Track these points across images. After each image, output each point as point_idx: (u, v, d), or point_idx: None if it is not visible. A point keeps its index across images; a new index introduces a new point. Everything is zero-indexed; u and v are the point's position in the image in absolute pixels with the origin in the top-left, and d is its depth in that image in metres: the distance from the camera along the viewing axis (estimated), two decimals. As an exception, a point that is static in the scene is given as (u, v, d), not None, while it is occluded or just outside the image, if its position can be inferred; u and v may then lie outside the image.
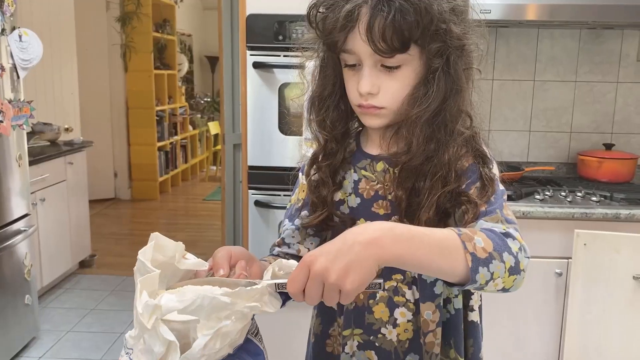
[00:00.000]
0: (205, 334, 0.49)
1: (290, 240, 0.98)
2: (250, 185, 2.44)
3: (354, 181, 0.94)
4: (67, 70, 4.30)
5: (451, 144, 0.86)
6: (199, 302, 0.49)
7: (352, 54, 0.84)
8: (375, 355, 0.93)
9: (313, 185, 0.95)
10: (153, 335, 0.50)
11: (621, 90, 2.65)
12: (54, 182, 3.44)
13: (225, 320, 0.50)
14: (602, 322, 2.10)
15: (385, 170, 0.91)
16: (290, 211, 1.01)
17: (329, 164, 0.94)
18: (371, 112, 0.87)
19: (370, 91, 0.84)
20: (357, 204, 0.93)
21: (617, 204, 2.23)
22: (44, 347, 2.84)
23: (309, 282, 0.64)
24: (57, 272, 3.57)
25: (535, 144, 2.72)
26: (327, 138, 0.93)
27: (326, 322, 0.98)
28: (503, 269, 0.74)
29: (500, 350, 2.22)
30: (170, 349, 0.49)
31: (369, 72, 0.84)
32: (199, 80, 8.59)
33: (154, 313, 0.49)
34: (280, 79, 2.33)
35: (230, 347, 0.54)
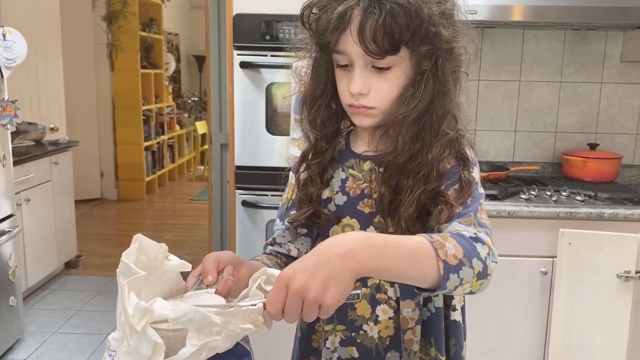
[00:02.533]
0: (194, 344, 0.49)
1: (281, 240, 1.00)
2: (238, 185, 2.44)
3: (341, 180, 0.96)
4: (53, 70, 4.26)
5: (435, 144, 0.87)
6: (191, 315, 0.49)
7: (344, 54, 0.86)
8: (356, 351, 0.95)
9: (301, 183, 0.97)
10: (141, 338, 0.49)
11: (605, 91, 2.68)
12: (39, 182, 3.41)
13: (216, 335, 0.50)
14: (587, 320, 2.12)
15: (372, 169, 0.93)
16: (281, 210, 1.02)
17: (318, 162, 0.95)
18: (362, 112, 0.89)
19: (361, 91, 0.86)
20: (344, 202, 0.95)
21: (601, 203, 2.26)
22: (28, 349, 2.81)
23: (288, 301, 0.63)
24: (43, 273, 3.53)
25: (521, 143, 2.74)
26: (317, 137, 0.95)
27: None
28: (472, 275, 0.76)
29: (485, 348, 2.24)
30: (155, 350, 0.49)
31: (360, 73, 0.85)
32: (186, 80, 8.55)
33: (144, 316, 0.49)
34: (268, 79, 2.32)
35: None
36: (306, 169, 0.97)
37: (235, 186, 2.45)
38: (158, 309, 0.48)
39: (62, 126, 4.31)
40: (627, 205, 2.23)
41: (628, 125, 2.70)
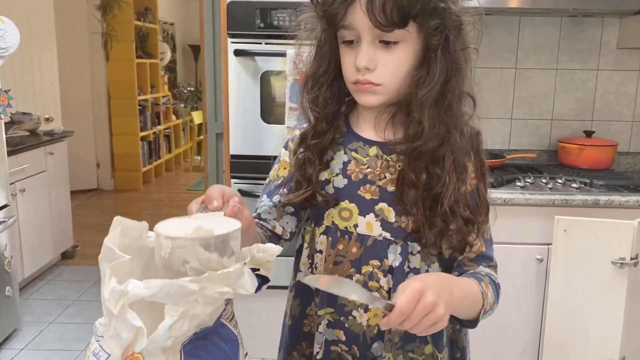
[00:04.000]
0: (172, 315, 0.49)
1: (266, 216, 0.97)
2: (233, 174, 2.43)
3: (343, 162, 0.94)
4: (47, 60, 4.23)
5: (458, 126, 0.88)
6: (167, 289, 0.49)
7: (351, 29, 0.84)
8: (343, 334, 0.95)
9: (299, 164, 0.94)
10: (120, 321, 0.49)
11: (601, 78, 2.67)
12: (34, 172, 3.39)
13: (194, 303, 0.50)
14: (582, 306, 2.13)
15: (379, 156, 0.92)
16: (269, 187, 1.00)
17: (317, 143, 0.93)
18: (367, 89, 0.87)
19: (368, 66, 0.84)
20: (344, 185, 0.93)
21: (597, 190, 2.26)
22: (25, 339, 2.81)
23: (418, 310, 0.71)
24: (39, 264, 3.53)
25: (517, 131, 2.74)
26: (318, 116, 0.93)
27: (304, 302, 0.99)
28: (492, 313, 0.92)
29: (481, 335, 2.24)
30: (138, 335, 0.49)
31: (367, 47, 0.84)
32: (182, 70, 8.51)
33: (120, 299, 0.48)
34: (262, 67, 2.31)
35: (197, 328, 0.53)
36: (305, 149, 0.94)
37: (230, 175, 2.45)
38: (133, 290, 0.48)
39: (57, 116, 4.29)
40: (622, 193, 2.24)
41: (624, 113, 2.70)
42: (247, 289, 0.53)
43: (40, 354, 2.69)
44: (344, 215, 0.93)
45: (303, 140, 0.95)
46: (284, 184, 0.98)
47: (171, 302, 0.50)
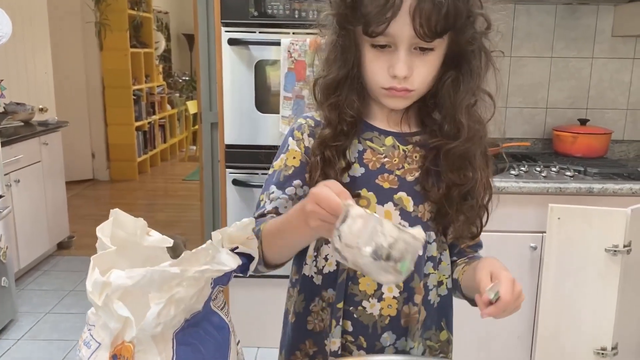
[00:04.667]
0: (158, 303, 0.49)
1: (283, 210, 0.93)
2: (228, 164, 2.43)
3: (358, 151, 0.94)
4: (40, 49, 4.21)
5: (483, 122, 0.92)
6: (148, 277, 0.49)
7: (387, 36, 0.83)
8: (350, 325, 0.94)
9: (319, 166, 0.92)
10: (107, 312, 0.49)
11: (596, 66, 2.67)
12: (28, 163, 3.38)
13: (176, 287, 0.50)
14: (575, 294, 2.14)
15: (395, 146, 0.94)
16: (277, 178, 0.95)
17: (340, 145, 0.92)
18: (402, 95, 0.87)
19: (407, 75, 0.84)
20: (361, 174, 0.93)
21: (591, 178, 2.27)
22: (22, 329, 2.82)
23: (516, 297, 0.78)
24: (35, 254, 3.53)
25: (512, 120, 2.74)
26: (339, 120, 0.91)
27: (308, 298, 0.97)
28: None
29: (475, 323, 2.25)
30: (127, 324, 0.49)
31: (406, 56, 0.84)
32: (177, 59, 8.46)
33: (103, 290, 0.48)
34: (257, 56, 2.30)
35: (187, 313, 0.53)
36: (324, 151, 0.92)
37: (225, 165, 2.45)
38: (115, 280, 0.48)
39: (52, 107, 4.27)
40: (616, 180, 2.24)
41: (619, 101, 2.70)
42: (227, 264, 0.53)
43: (37, 344, 2.69)
44: (362, 204, 0.92)
45: (322, 143, 0.92)
46: (296, 175, 0.94)
47: (155, 288, 0.50)
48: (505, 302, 0.77)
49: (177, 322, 0.52)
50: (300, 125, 0.97)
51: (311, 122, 0.97)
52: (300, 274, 0.98)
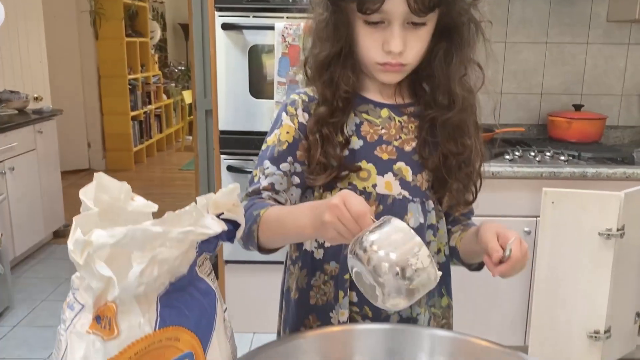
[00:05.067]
0: (140, 262, 0.49)
1: (279, 187, 0.93)
2: (222, 150, 2.42)
3: (355, 124, 0.95)
4: (34, 38, 4.18)
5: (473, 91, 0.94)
6: (130, 235, 0.48)
7: (382, 12, 0.84)
8: (355, 296, 0.94)
9: (319, 144, 0.92)
10: (89, 271, 0.49)
11: (591, 52, 2.67)
12: (23, 150, 3.37)
13: (159, 247, 0.50)
14: (569, 277, 2.15)
15: (391, 117, 0.96)
16: (271, 153, 0.94)
17: (337, 122, 0.93)
18: (396, 70, 0.89)
19: (402, 50, 0.86)
20: (360, 147, 0.94)
21: (585, 163, 2.27)
22: (18, 316, 2.82)
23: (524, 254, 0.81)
24: (30, 242, 3.52)
25: (507, 105, 2.74)
26: (334, 97, 0.92)
27: (310, 273, 0.98)
28: None
29: (470, 307, 2.27)
30: (109, 285, 0.49)
31: (400, 31, 0.85)
32: (173, 49, 8.43)
33: (85, 249, 0.48)
34: (250, 41, 2.29)
35: (172, 276, 0.53)
36: (322, 128, 0.92)
37: (220, 151, 2.44)
38: (97, 239, 0.48)
39: (47, 95, 4.25)
40: (610, 165, 2.25)
41: (613, 86, 2.70)
42: (212, 228, 0.53)
43: (33, 330, 2.70)
44: (362, 175, 0.94)
45: (319, 121, 0.93)
46: (289, 150, 0.94)
47: (137, 247, 0.49)
48: (515, 259, 0.79)
49: (161, 285, 0.53)
50: (294, 101, 0.97)
51: (305, 97, 0.97)
52: (301, 250, 0.99)
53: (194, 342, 0.55)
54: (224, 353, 0.59)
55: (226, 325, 0.62)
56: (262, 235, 0.84)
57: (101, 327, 0.50)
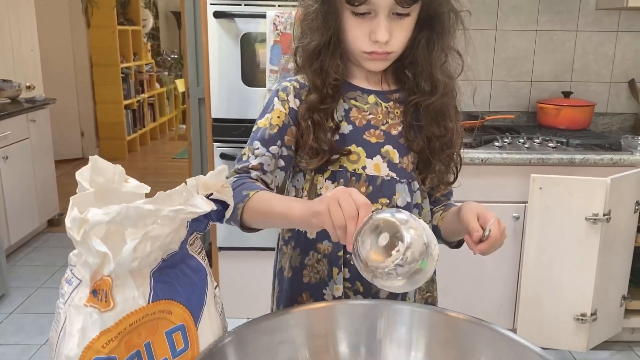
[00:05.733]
0: (134, 238, 0.52)
1: (267, 168, 0.98)
2: (215, 138, 2.44)
3: (344, 110, 1.00)
4: (26, 26, 4.16)
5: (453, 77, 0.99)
6: (124, 213, 0.51)
7: (369, 4, 0.89)
8: (348, 272, 0.99)
9: (312, 130, 0.96)
10: (85, 248, 0.52)
11: (580, 39, 2.69)
12: (16, 139, 3.38)
13: (152, 224, 0.53)
14: (556, 261, 2.20)
15: (378, 103, 1.01)
16: (261, 135, 0.98)
17: (328, 108, 0.97)
18: (382, 58, 0.94)
19: (388, 39, 0.90)
20: (349, 131, 0.99)
21: (573, 149, 2.31)
22: (14, 303, 2.85)
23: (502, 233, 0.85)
24: (25, 231, 3.54)
25: (497, 93, 2.76)
26: (324, 85, 0.96)
27: (304, 252, 1.02)
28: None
29: (460, 290, 2.31)
30: (105, 260, 0.52)
31: (386, 22, 0.90)
32: (165, 37, 8.39)
33: (81, 226, 0.51)
34: (242, 29, 2.30)
35: (163, 252, 0.56)
36: (312, 113, 0.97)
37: (212, 139, 2.46)
38: (92, 217, 0.51)
39: (39, 84, 4.24)
40: (597, 151, 2.28)
41: (602, 73, 2.73)
42: (201, 207, 0.56)
43: (28, 317, 2.72)
44: (352, 158, 0.99)
45: (310, 108, 0.97)
46: (279, 134, 0.98)
47: (130, 225, 0.52)
48: (494, 238, 0.84)
49: (154, 260, 0.55)
50: (286, 87, 1.01)
51: (296, 84, 1.01)
52: (294, 230, 1.03)
53: (185, 315, 0.58)
54: (214, 327, 0.62)
55: (217, 301, 0.65)
56: (246, 214, 0.87)
57: (98, 300, 0.53)
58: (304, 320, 0.71)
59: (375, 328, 0.72)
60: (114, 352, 0.53)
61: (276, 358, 0.68)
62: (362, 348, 0.71)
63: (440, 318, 0.73)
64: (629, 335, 2.50)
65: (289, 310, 0.75)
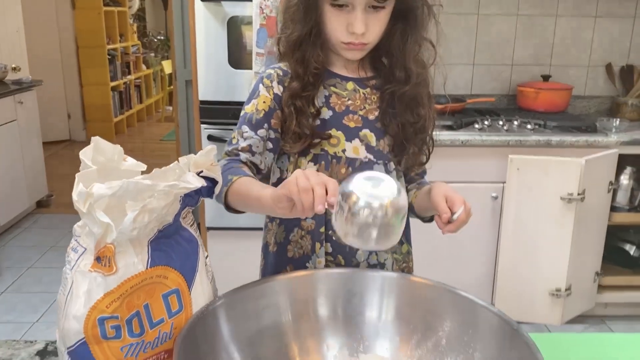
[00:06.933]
0: (133, 210, 0.58)
1: (256, 149, 1.03)
2: (203, 120, 2.49)
3: (324, 96, 1.07)
4: (10, 7, 4.14)
5: (426, 67, 1.06)
6: (125, 187, 0.58)
7: None
8: (330, 247, 1.07)
9: (294, 116, 1.03)
10: (91, 219, 0.58)
11: (560, 24, 2.76)
12: (4, 121, 3.40)
13: (149, 198, 0.59)
14: (533, 238, 2.29)
15: (356, 90, 1.07)
16: (249, 119, 1.04)
17: (309, 95, 1.04)
18: (359, 48, 1.01)
19: (364, 31, 0.97)
20: (329, 117, 1.06)
21: (550, 131, 2.39)
22: (5, 283, 2.90)
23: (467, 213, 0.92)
24: (14, 212, 3.57)
25: (479, 76, 2.83)
26: (306, 72, 1.03)
27: (288, 229, 1.09)
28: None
29: (439, 267, 2.39)
30: (107, 230, 0.58)
31: (362, 15, 0.96)
32: (151, 18, 8.33)
33: (87, 199, 0.57)
34: (229, 12, 2.34)
35: (159, 223, 0.62)
36: (294, 100, 1.03)
37: (200, 121, 2.50)
38: (97, 191, 0.57)
39: (25, 66, 4.23)
40: (573, 133, 2.37)
41: (581, 58, 2.81)
42: (193, 183, 0.62)
43: (20, 296, 2.78)
44: (333, 142, 1.05)
45: (292, 95, 1.03)
46: (265, 118, 1.04)
47: (130, 198, 0.59)
48: (461, 220, 0.92)
49: (151, 231, 0.62)
50: (270, 75, 1.08)
51: (279, 71, 1.08)
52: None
53: (179, 280, 0.65)
54: (205, 292, 0.69)
55: (207, 269, 0.71)
56: (230, 197, 0.94)
57: (102, 265, 0.59)
58: (287, 287, 0.78)
59: (351, 293, 0.79)
60: (117, 312, 0.60)
61: (262, 320, 0.75)
62: (340, 311, 0.79)
63: (408, 283, 0.81)
64: (602, 309, 2.61)
65: (274, 277, 0.82)
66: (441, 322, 0.76)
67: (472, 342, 0.72)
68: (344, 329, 0.78)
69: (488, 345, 0.70)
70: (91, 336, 0.60)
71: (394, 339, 0.78)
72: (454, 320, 0.75)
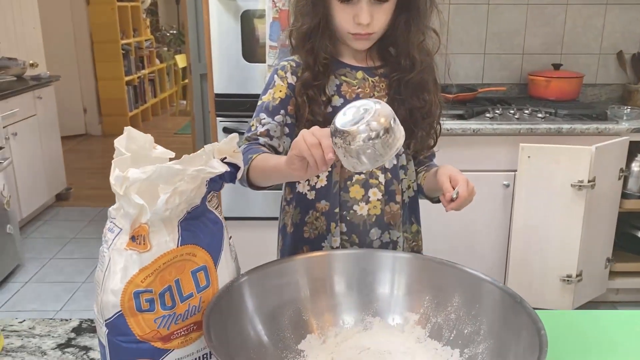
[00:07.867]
0: (166, 193, 0.64)
1: (274, 134, 1.11)
2: (218, 112, 2.54)
3: (335, 85, 1.13)
4: (27, 4, 4.22)
5: (431, 54, 1.11)
6: (158, 171, 0.63)
7: None
8: (345, 226, 1.13)
9: (307, 104, 1.09)
10: (127, 201, 0.64)
11: (570, 12, 2.77)
12: (24, 116, 3.48)
13: (179, 182, 0.65)
14: (544, 226, 2.32)
15: (365, 78, 1.13)
16: (266, 107, 1.11)
17: (320, 84, 1.10)
18: (366, 38, 1.07)
19: (369, 22, 1.03)
20: (341, 104, 1.11)
21: (561, 119, 2.41)
22: (29, 273, 2.98)
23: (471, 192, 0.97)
24: (35, 205, 3.67)
25: (490, 65, 2.86)
26: (316, 63, 1.09)
27: (304, 211, 1.15)
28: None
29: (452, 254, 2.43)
30: (142, 211, 0.63)
31: (368, 7, 1.02)
32: (164, 13, 8.41)
33: (123, 183, 0.63)
34: (242, 6, 2.39)
35: (188, 205, 0.68)
36: (307, 89, 1.09)
37: (215, 114, 2.56)
38: (132, 175, 0.63)
39: (42, 62, 4.32)
40: (584, 121, 2.39)
41: (591, 46, 2.82)
42: (218, 168, 0.67)
43: (43, 286, 2.87)
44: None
45: (304, 85, 1.10)
46: (281, 105, 1.11)
47: (162, 181, 0.64)
48: (462, 197, 0.96)
49: (180, 212, 0.67)
50: (284, 66, 1.15)
51: (293, 63, 1.15)
52: (295, 192, 1.17)
53: (207, 257, 0.70)
54: (230, 269, 0.75)
55: (231, 248, 0.77)
56: (251, 173, 1.01)
57: (136, 243, 0.65)
58: (305, 266, 0.84)
59: (365, 272, 0.84)
60: (151, 286, 0.65)
61: (282, 296, 0.81)
62: (354, 288, 0.84)
63: (418, 262, 0.86)
64: (613, 295, 2.64)
65: (293, 257, 0.88)
66: (450, 297, 0.81)
67: (479, 315, 0.77)
68: (358, 305, 0.84)
69: (493, 316, 0.75)
70: (127, 309, 0.66)
71: (406, 314, 0.83)
72: (461, 296, 0.80)
